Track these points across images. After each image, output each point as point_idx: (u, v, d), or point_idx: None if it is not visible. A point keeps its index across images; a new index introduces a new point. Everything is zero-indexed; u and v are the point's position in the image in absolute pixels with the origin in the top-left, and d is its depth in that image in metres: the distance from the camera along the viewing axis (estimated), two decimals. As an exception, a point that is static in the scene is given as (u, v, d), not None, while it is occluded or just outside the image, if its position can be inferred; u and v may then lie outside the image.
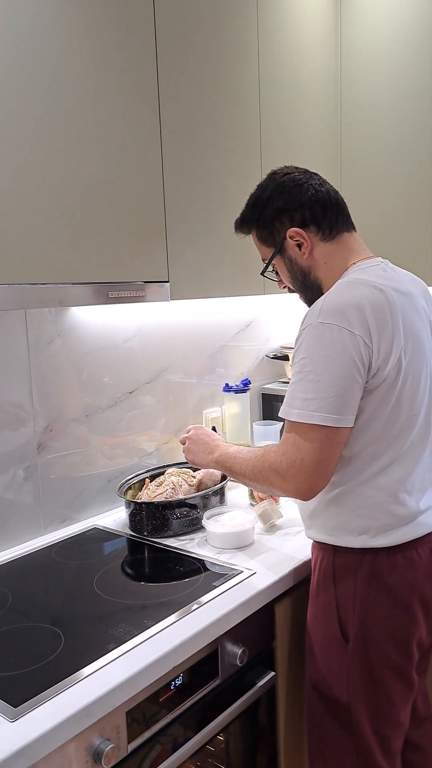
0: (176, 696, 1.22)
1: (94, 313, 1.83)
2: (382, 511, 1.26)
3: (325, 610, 1.34)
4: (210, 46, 1.70)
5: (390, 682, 1.30)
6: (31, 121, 1.28)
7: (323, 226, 1.32)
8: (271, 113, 1.93)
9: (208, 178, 1.72)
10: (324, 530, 1.33)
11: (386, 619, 1.28)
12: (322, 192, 1.34)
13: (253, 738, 1.45)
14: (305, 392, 1.19)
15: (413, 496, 1.28)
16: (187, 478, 1.82)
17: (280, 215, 1.33)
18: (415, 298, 1.30)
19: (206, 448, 1.52)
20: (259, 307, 2.44)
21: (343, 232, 1.35)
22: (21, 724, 0.98)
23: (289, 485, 1.23)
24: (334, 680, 1.32)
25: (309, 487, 1.21)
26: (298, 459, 1.20)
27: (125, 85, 1.46)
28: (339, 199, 1.37)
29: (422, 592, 1.30)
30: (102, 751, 1.05)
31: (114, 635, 1.22)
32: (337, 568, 1.31)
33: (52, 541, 1.70)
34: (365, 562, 1.28)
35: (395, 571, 1.28)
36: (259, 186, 1.39)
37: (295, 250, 1.34)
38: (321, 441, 1.18)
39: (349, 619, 1.30)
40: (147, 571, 1.55)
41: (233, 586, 1.38)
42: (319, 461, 1.19)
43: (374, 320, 1.19)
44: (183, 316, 2.13)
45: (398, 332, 1.22)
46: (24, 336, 1.66)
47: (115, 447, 1.93)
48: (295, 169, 1.38)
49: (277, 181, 1.35)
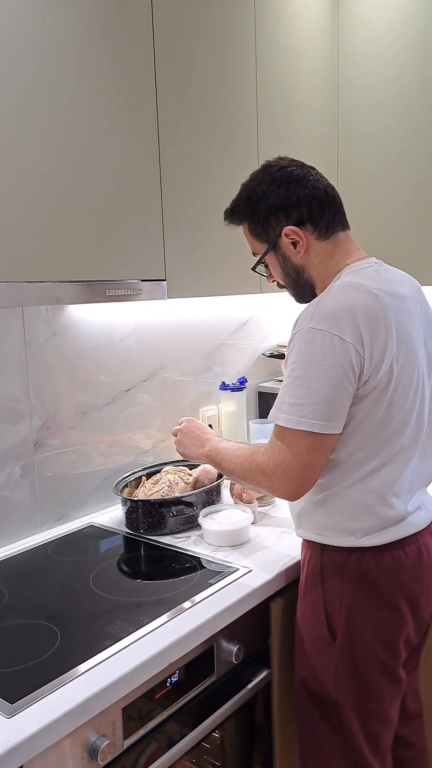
0: (172, 693, 1.23)
1: (91, 311, 1.83)
2: (370, 513, 1.26)
3: (313, 608, 1.34)
4: (208, 47, 1.70)
5: (377, 679, 1.31)
6: (28, 119, 1.28)
7: (320, 225, 1.30)
8: (268, 112, 1.93)
9: (205, 176, 1.72)
10: (312, 530, 1.34)
11: (373, 618, 1.28)
12: (320, 189, 1.31)
13: (248, 735, 1.45)
14: (293, 397, 1.19)
15: (401, 498, 1.28)
16: (184, 475, 1.82)
17: (276, 212, 1.29)
18: (408, 302, 1.29)
19: (197, 441, 1.53)
20: (256, 305, 2.45)
21: (339, 231, 1.33)
22: (17, 720, 0.98)
23: (275, 486, 1.25)
24: (322, 678, 1.33)
25: (294, 489, 1.22)
26: (285, 462, 1.21)
27: (122, 84, 1.46)
28: (335, 195, 1.34)
29: (409, 590, 1.30)
30: (98, 748, 1.05)
31: (110, 632, 1.22)
32: (325, 567, 1.32)
33: (48, 539, 1.71)
34: (352, 560, 1.28)
35: (382, 570, 1.28)
36: (252, 178, 1.34)
37: (289, 248, 1.31)
38: (307, 446, 1.19)
39: (336, 617, 1.30)
40: (143, 569, 1.55)
41: (229, 583, 1.38)
42: (304, 466, 1.20)
43: (367, 327, 1.18)
44: (180, 315, 2.13)
45: (391, 338, 1.20)
46: (21, 334, 1.66)
47: (111, 445, 1.93)
48: (291, 161, 1.34)
49: (273, 175, 1.30)
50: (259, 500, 1.79)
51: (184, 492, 1.74)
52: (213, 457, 1.46)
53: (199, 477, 1.79)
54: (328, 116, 2.18)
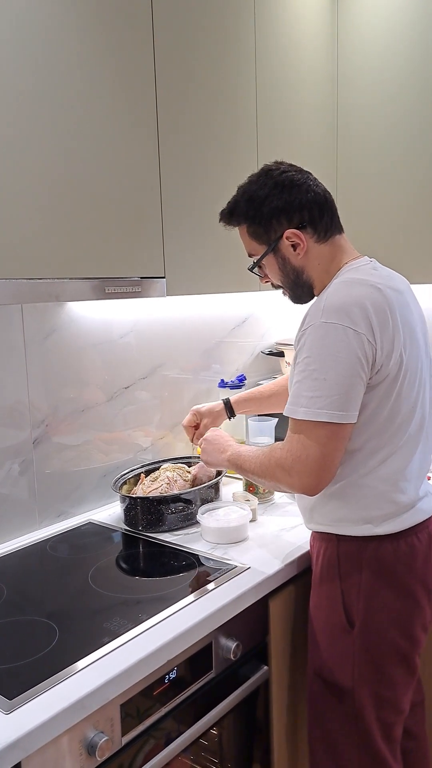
0: (170, 689, 1.23)
1: (90, 308, 1.83)
2: (384, 500, 1.30)
3: (328, 598, 1.36)
4: (208, 47, 1.70)
5: (393, 667, 1.34)
6: (27, 116, 1.28)
7: (319, 228, 1.34)
8: (268, 111, 1.93)
9: (204, 174, 1.72)
10: (327, 522, 1.36)
11: (391, 605, 1.32)
12: (320, 194, 1.35)
13: (246, 732, 1.46)
14: (311, 390, 1.21)
15: (412, 483, 1.32)
16: (183, 473, 1.82)
17: (278, 215, 1.33)
18: (406, 295, 1.34)
19: (219, 448, 1.55)
20: (255, 303, 2.45)
21: (336, 234, 1.37)
22: (16, 716, 0.98)
23: (295, 481, 1.26)
24: (338, 667, 1.35)
25: (315, 482, 1.24)
26: (304, 455, 1.23)
27: (122, 82, 1.46)
28: (331, 200, 1.38)
29: (423, 576, 1.34)
30: (96, 744, 1.05)
31: (108, 629, 1.22)
32: (342, 557, 1.34)
33: (47, 536, 1.71)
34: (369, 549, 1.31)
35: (398, 557, 1.31)
36: (252, 181, 1.37)
37: (289, 250, 1.35)
38: (327, 437, 1.21)
39: (354, 606, 1.33)
40: (142, 566, 1.55)
41: (227, 580, 1.38)
42: (324, 456, 1.22)
43: (376, 318, 1.22)
44: (179, 312, 2.13)
45: (398, 329, 1.25)
46: (20, 331, 1.66)
47: (110, 442, 1.93)
48: (290, 166, 1.37)
49: (275, 179, 1.34)
50: (259, 497, 1.80)
51: (182, 489, 1.74)
52: (234, 461, 1.47)
53: (198, 474, 1.80)
54: (327, 116, 2.18)
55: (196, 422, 1.83)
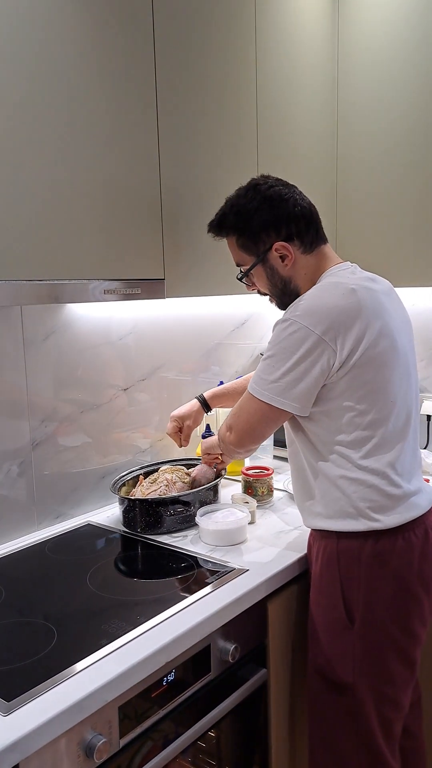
0: (168, 692, 1.23)
1: (89, 309, 1.83)
2: (377, 492, 1.33)
3: (329, 595, 1.38)
4: (208, 46, 1.70)
5: (393, 663, 1.35)
6: (28, 120, 1.28)
7: (306, 240, 1.41)
8: (268, 113, 1.93)
9: (204, 176, 1.72)
10: (324, 517, 1.38)
11: (390, 600, 1.34)
12: (305, 207, 1.42)
13: (244, 735, 1.45)
14: (263, 372, 1.36)
15: (403, 477, 1.36)
16: (181, 475, 1.82)
17: (267, 228, 1.39)
18: (382, 296, 1.38)
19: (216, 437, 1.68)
20: (254, 305, 2.45)
21: (321, 245, 1.44)
22: (14, 718, 0.98)
23: (227, 432, 1.47)
24: (339, 663, 1.37)
25: (237, 440, 1.46)
26: (236, 415, 1.44)
27: (123, 83, 1.46)
28: (316, 213, 1.45)
29: (420, 571, 1.36)
30: (94, 746, 1.05)
31: (107, 631, 1.22)
32: (341, 553, 1.36)
33: (45, 537, 1.71)
34: (368, 545, 1.34)
35: (396, 552, 1.33)
36: (241, 195, 1.43)
37: (277, 261, 1.41)
38: (258, 413, 1.37)
39: (354, 602, 1.35)
40: (140, 568, 1.55)
41: (226, 583, 1.38)
42: (248, 424, 1.41)
43: (342, 320, 1.29)
44: (178, 314, 2.13)
45: (369, 328, 1.30)
46: (20, 332, 1.66)
47: (109, 444, 1.93)
48: (277, 181, 1.44)
49: (263, 193, 1.40)
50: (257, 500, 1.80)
51: (181, 491, 1.74)
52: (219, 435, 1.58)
53: (197, 476, 1.80)
54: (327, 116, 2.18)
55: (178, 427, 1.85)
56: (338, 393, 1.32)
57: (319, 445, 1.37)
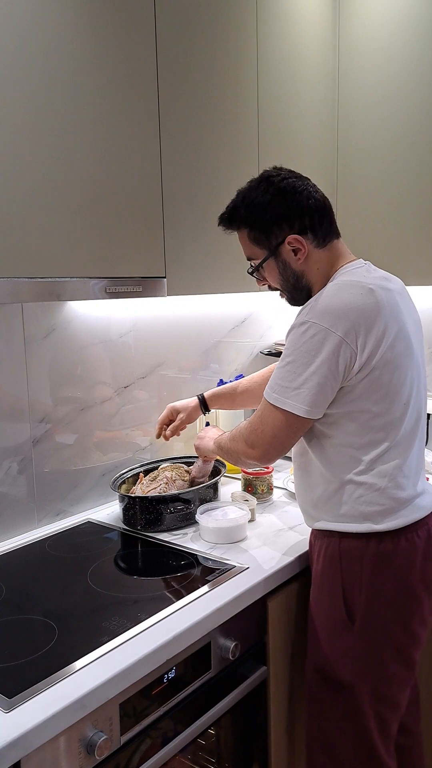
0: (169, 689, 1.23)
1: (89, 307, 1.83)
2: (384, 496, 1.32)
3: (330, 594, 1.38)
4: (209, 47, 1.70)
5: (392, 663, 1.35)
6: (30, 116, 1.28)
7: (319, 234, 1.37)
8: (269, 111, 1.93)
9: (205, 174, 1.72)
10: (329, 519, 1.38)
11: (392, 601, 1.33)
12: (319, 200, 1.38)
13: (244, 732, 1.46)
14: (284, 380, 1.30)
15: (410, 479, 1.35)
16: (181, 473, 1.82)
17: (279, 221, 1.35)
18: (398, 295, 1.36)
19: (209, 435, 1.70)
20: (254, 303, 2.45)
21: (334, 239, 1.40)
22: (15, 715, 0.98)
23: (249, 450, 1.39)
24: (339, 662, 1.36)
25: (261, 454, 1.38)
26: (260, 429, 1.36)
27: (125, 82, 1.46)
28: (330, 206, 1.41)
29: (422, 572, 1.35)
30: (95, 743, 1.05)
31: (107, 628, 1.22)
32: (344, 553, 1.36)
33: (45, 535, 1.71)
34: (371, 545, 1.33)
35: (399, 553, 1.33)
36: (253, 187, 1.39)
37: (290, 255, 1.38)
38: (284, 424, 1.31)
39: (355, 602, 1.34)
40: (140, 565, 1.55)
41: (226, 580, 1.39)
42: (275, 438, 1.34)
43: (362, 321, 1.25)
44: (178, 312, 2.13)
45: (387, 329, 1.28)
46: (20, 329, 1.66)
47: (109, 441, 1.93)
48: (290, 173, 1.40)
49: (277, 185, 1.36)
50: (257, 497, 1.80)
51: (182, 489, 1.74)
52: (218, 442, 1.58)
53: (197, 474, 1.80)
54: (328, 116, 2.18)
55: (170, 418, 1.85)
56: (356, 396, 1.29)
57: (329, 448, 1.35)
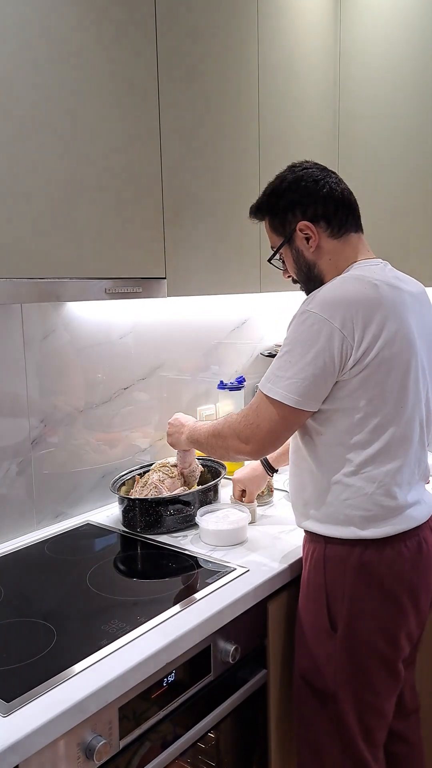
0: (168, 693, 1.22)
1: (89, 308, 1.82)
2: (371, 502, 1.29)
3: (314, 600, 1.36)
4: (210, 48, 1.69)
5: (376, 672, 1.33)
6: (29, 115, 1.27)
7: (333, 223, 1.36)
8: (270, 112, 1.93)
9: (206, 176, 1.72)
10: (316, 520, 1.36)
11: (375, 610, 1.31)
12: (338, 191, 1.37)
13: (244, 736, 1.45)
14: (279, 370, 1.29)
15: (403, 488, 1.32)
16: (167, 470, 1.79)
17: (293, 207, 1.36)
18: (407, 296, 1.33)
19: (179, 429, 1.65)
20: (255, 305, 2.44)
21: (351, 233, 1.39)
22: (13, 719, 0.98)
23: (242, 444, 1.36)
24: (322, 670, 1.35)
25: (256, 449, 1.35)
26: (255, 423, 1.33)
27: (125, 80, 1.46)
28: (352, 200, 1.40)
29: (410, 584, 1.32)
30: (94, 747, 1.05)
31: (106, 631, 1.22)
32: (328, 560, 1.34)
33: (45, 537, 1.70)
34: (355, 553, 1.31)
35: (384, 563, 1.30)
36: (278, 176, 1.42)
37: (302, 243, 1.37)
38: (278, 416, 1.29)
39: (338, 610, 1.32)
40: (140, 568, 1.54)
41: (226, 583, 1.38)
42: (271, 431, 1.31)
43: (360, 313, 1.24)
44: (179, 313, 2.12)
45: (386, 326, 1.26)
46: (20, 330, 1.65)
47: (108, 443, 1.92)
48: (314, 164, 1.41)
49: (296, 174, 1.38)
50: (258, 500, 1.79)
51: (173, 487, 1.72)
52: (192, 437, 1.56)
53: (181, 466, 1.77)
54: (329, 116, 2.18)
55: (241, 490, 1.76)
56: (349, 392, 1.27)
57: (320, 445, 1.34)
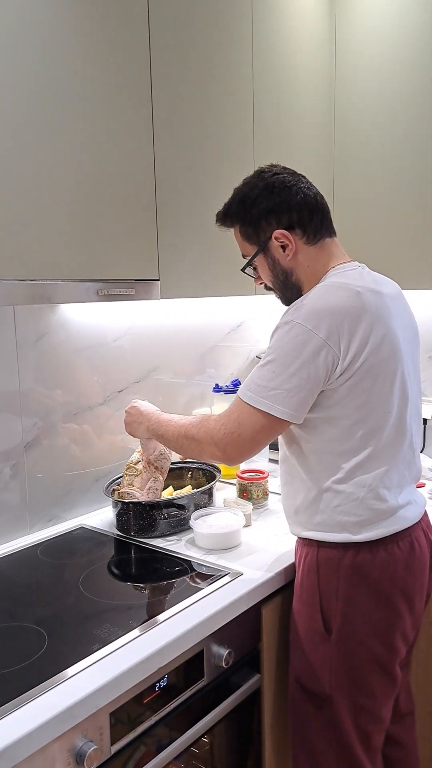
0: (161, 697, 1.21)
1: (83, 311, 1.82)
2: (363, 506, 1.29)
3: (308, 604, 1.35)
4: (204, 47, 1.69)
5: (372, 676, 1.32)
6: (22, 117, 1.27)
7: (308, 230, 1.35)
8: (265, 113, 1.92)
9: (199, 176, 1.72)
10: (308, 527, 1.36)
11: (369, 613, 1.30)
12: (310, 196, 1.36)
13: (238, 740, 1.44)
14: (263, 380, 1.26)
15: (392, 491, 1.32)
16: (132, 470, 1.73)
17: (267, 215, 1.34)
18: (388, 299, 1.33)
19: (139, 418, 1.61)
20: (250, 307, 2.44)
21: (326, 237, 1.38)
22: (3, 724, 0.97)
23: (219, 451, 1.33)
24: (317, 673, 1.34)
25: (236, 456, 1.33)
26: (236, 433, 1.29)
27: (118, 81, 1.45)
28: (324, 204, 1.39)
29: (404, 585, 1.32)
30: (84, 753, 1.04)
31: (99, 636, 1.21)
32: (321, 563, 1.33)
33: (38, 540, 1.69)
34: (348, 556, 1.31)
35: (377, 565, 1.30)
36: (246, 183, 1.38)
37: (278, 251, 1.36)
38: (261, 425, 1.27)
39: (331, 613, 1.32)
40: (133, 572, 1.54)
41: (220, 587, 1.37)
42: (252, 440, 1.29)
43: (346, 324, 1.23)
44: (173, 316, 2.12)
45: (372, 333, 1.25)
46: (12, 332, 1.64)
47: (102, 446, 1.92)
48: (283, 169, 1.39)
49: (267, 180, 1.35)
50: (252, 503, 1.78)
51: (145, 484, 1.70)
52: (155, 430, 1.54)
53: (146, 455, 1.72)
54: (324, 116, 2.18)
55: None
56: (336, 400, 1.26)
57: (309, 454, 1.33)
